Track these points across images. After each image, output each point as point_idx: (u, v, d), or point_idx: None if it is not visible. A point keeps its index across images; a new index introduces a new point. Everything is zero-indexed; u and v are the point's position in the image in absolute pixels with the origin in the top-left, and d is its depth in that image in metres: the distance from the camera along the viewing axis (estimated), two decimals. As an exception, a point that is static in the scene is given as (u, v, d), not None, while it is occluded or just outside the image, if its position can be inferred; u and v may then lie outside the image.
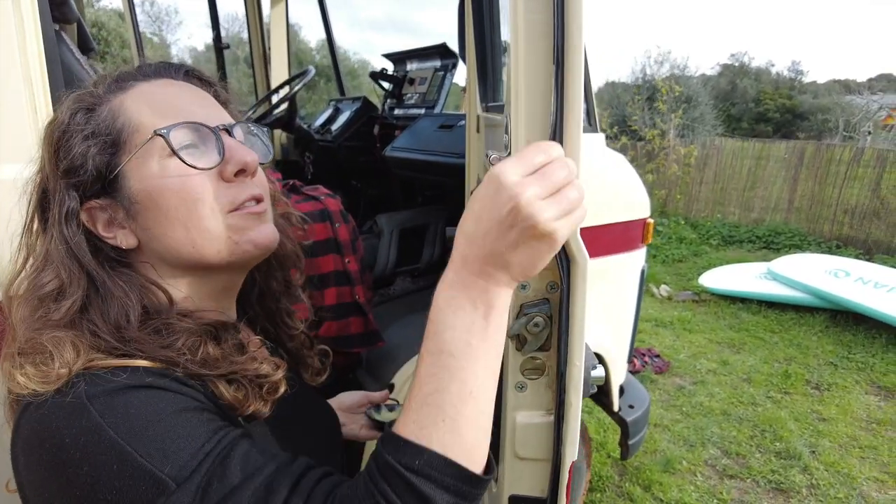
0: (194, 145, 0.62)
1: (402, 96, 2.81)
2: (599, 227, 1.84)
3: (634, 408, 2.18)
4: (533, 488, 0.64)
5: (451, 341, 0.49)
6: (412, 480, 0.46)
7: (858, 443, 3.12)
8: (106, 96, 0.64)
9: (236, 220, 0.64)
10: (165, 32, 21.63)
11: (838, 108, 22.41)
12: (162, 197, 0.61)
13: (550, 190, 0.49)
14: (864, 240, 6.55)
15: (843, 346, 4.38)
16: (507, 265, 0.50)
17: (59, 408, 0.52)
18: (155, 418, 0.51)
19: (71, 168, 0.61)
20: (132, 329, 0.58)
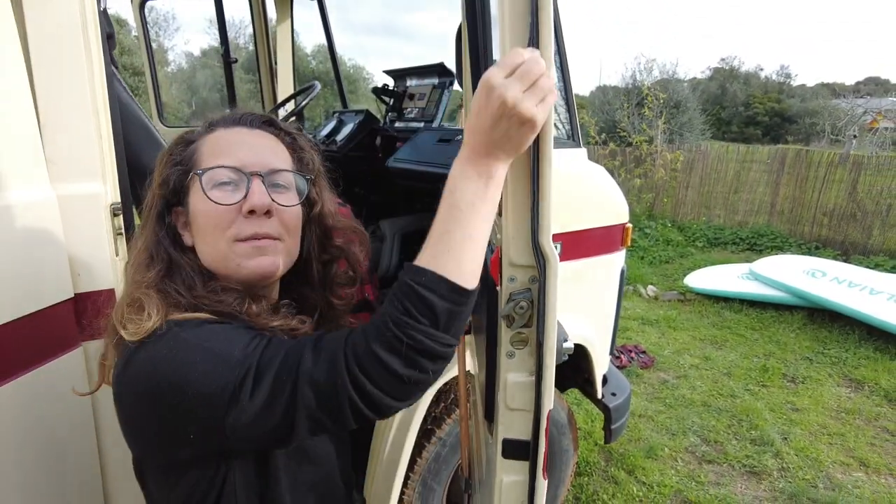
0: (229, 183, 0.80)
1: (403, 110, 3.02)
2: (582, 231, 2.05)
3: (616, 395, 2.39)
4: (521, 433, 0.85)
5: (461, 200, 0.68)
6: (420, 291, 0.66)
7: (828, 430, 3.35)
8: (199, 135, 0.86)
9: (241, 248, 0.80)
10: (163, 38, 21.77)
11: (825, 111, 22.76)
12: (198, 217, 0.82)
13: (528, 84, 0.65)
14: (842, 241, 6.82)
15: (819, 342, 4.63)
16: (502, 146, 0.67)
17: (154, 345, 0.72)
18: (222, 331, 0.74)
19: (162, 182, 0.85)
20: (199, 288, 0.80)
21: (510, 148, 0.68)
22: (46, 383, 1.21)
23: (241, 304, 0.80)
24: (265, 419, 0.68)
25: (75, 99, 1.22)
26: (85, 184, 1.26)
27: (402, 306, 0.65)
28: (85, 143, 1.25)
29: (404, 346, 0.65)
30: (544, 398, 0.81)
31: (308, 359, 0.68)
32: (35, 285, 1.18)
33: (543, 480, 0.84)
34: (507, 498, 0.87)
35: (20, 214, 1.13)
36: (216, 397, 0.68)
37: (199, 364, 0.69)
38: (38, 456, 1.22)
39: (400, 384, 0.66)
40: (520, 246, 0.77)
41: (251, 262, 0.81)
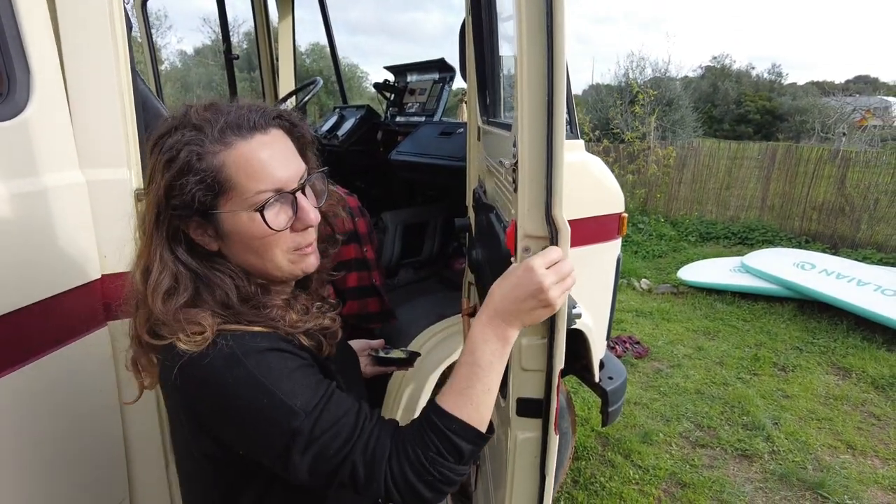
0: (276, 204, 0.83)
1: (404, 105, 3.08)
2: (579, 220, 2.12)
3: (613, 379, 2.47)
4: (534, 392, 0.92)
5: (482, 359, 0.80)
6: (451, 437, 0.78)
7: (816, 415, 3.45)
8: (212, 148, 0.80)
9: (295, 256, 0.88)
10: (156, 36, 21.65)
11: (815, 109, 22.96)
12: (247, 237, 0.83)
13: (560, 278, 0.80)
14: (831, 235, 6.95)
15: (809, 332, 4.74)
16: (522, 318, 0.81)
17: (219, 359, 0.77)
18: (287, 372, 0.79)
19: (180, 204, 0.80)
20: (236, 305, 0.83)
21: (527, 320, 0.82)
22: (74, 360, 1.27)
23: (283, 314, 0.86)
24: (308, 476, 0.78)
25: (103, 88, 1.28)
26: (112, 169, 1.32)
27: (434, 447, 0.78)
28: (111, 131, 1.31)
29: (435, 480, 0.78)
30: (556, 359, 0.88)
31: (358, 453, 0.78)
32: (65, 266, 1.24)
33: (555, 435, 0.92)
34: (522, 453, 0.95)
35: (52, 198, 1.19)
36: (270, 443, 0.78)
37: (262, 406, 0.77)
38: (64, 432, 1.27)
39: (421, 501, 0.79)
40: (535, 218, 0.84)
41: (304, 264, 0.91)
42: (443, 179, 2.48)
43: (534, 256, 0.81)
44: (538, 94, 0.78)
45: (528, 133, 0.81)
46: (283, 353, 0.81)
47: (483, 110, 1.65)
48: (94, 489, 1.37)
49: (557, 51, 0.76)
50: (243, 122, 0.82)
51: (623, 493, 2.71)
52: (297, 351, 0.84)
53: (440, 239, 2.83)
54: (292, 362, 0.81)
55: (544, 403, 0.90)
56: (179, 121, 0.83)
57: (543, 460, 0.93)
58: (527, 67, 0.79)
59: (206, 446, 0.86)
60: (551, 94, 0.78)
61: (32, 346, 1.17)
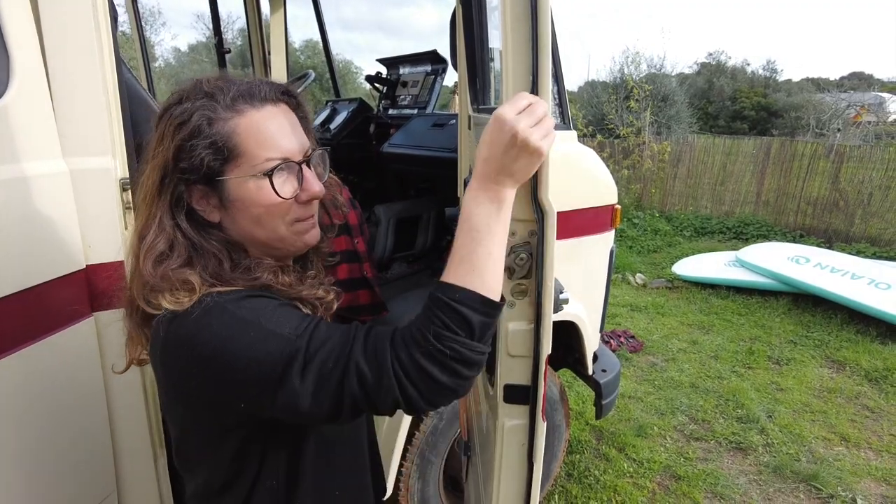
0: (283, 173, 0.83)
1: (396, 98, 3.07)
2: (572, 211, 2.11)
3: (607, 372, 2.46)
4: (520, 378, 0.91)
5: (477, 223, 0.75)
6: (456, 307, 0.72)
7: (811, 408, 3.46)
8: (224, 114, 0.80)
9: (298, 227, 0.87)
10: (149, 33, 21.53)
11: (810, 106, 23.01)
12: (253, 205, 0.82)
13: (535, 120, 0.75)
14: (825, 229, 6.97)
15: (803, 325, 4.75)
16: (511, 173, 0.76)
17: (203, 313, 0.75)
18: (271, 307, 0.77)
19: (188, 168, 0.80)
20: (227, 273, 0.82)
21: (518, 175, 0.77)
22: (59, 351, 1.25)
23: (276, 276, 0.84)
24: (312, 401, 0.73)
25: (86, 75, 1.26)
26: (96, 158, 1.30)
27: (440, 321, 0.72)
28: (95, 119, 1.29)
29: (447, 358, 0.71)
30: (543, 344, 0.87)
31: (358, 353, 0.73)
32: (48, 255, 1.22)
33: (543, 422, 0.90)
34: (509, 440, 0.94)
35: (34, 186, 1.17)
36: (267, 375, 0.73)
37: (251, 339, 0.73)
38: (49, 425, 1.26)
39: (440, 389, 0.73)
40: (520, 202, 0.83)
41: (307, 236, 0.89)
42: (435, 171, 2.46)
43: (502, 105, 0.76)
44: (522, 74, 0.77)
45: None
46: (267, 299, 0.80)
47: (474, 99, 1.63)
48: (80, 483, 1.35)
49: (542, 33, 0.75)
50: (255, 92, 0.83)
51: (617, 486, 2.70)
52: (278, 295, 0.82)
53: (433, 232, 2.82)
54: (277, 302, 0.80)
55: (531, 390, 0.89)
56: (189, 91, 0.83)
57: (531, 447, 0.91)
58: (511, 49, 0.78)
59: (204, 418, 0.83)
60: (536, 75, 0.77)
61: (15, 336, 1.15)
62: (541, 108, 0.76)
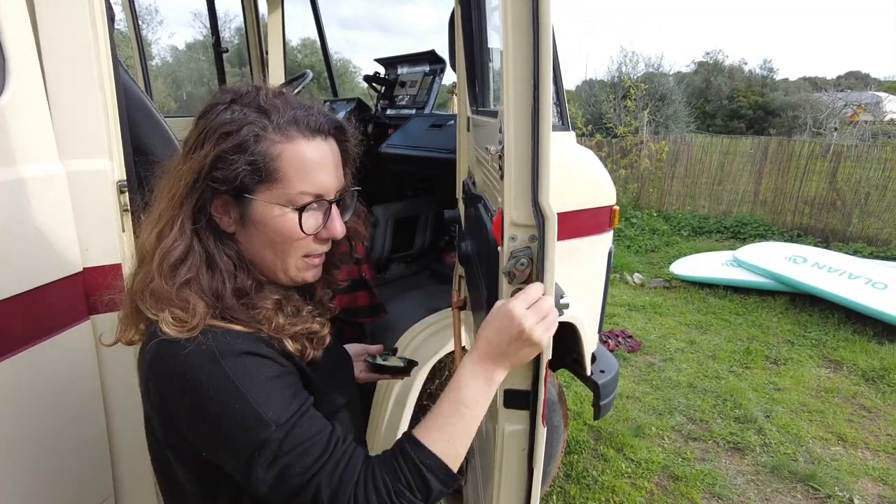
0: (312, 209, 0.84)
1: (394, 98, 3.06)
2: (570, 212, 2.11)
3: (605, 372, 2.46)
4: (521, 383, 0.91)
5: (466, 397, 0.80)
6: (424, 472, 0.76)
7: (808, 408, 3.46)
8: (273, 136, 0.80)
9: (304, 263, 0.88)
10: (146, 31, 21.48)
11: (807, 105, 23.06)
12: (271, 230, 0.83)
13: (541, 316, 0.80)
14: (822, 229, 6.99)
15: (801, 325, 4.76)
16: (509, 359, 0.81)
17: (197, 354, 0.75)
18: (263, 380, 0.77)
19: (222, 178, 0.80)
20: (227, 297, 0.81)
21: (515, 361, 0.82)
22: (56, 355, 1.25)
23: (274, 314, 0.84)
24: (267, 492, 0.75)
25: (83, 77, 1.25)
26: (93, 160, 1.29)
27: (405, 481, 0.75)
28: (92, 121, 1.28)
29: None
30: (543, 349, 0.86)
31: (324, 475, 0.74)
32: (44, 259, 1.21)
33: (543, 427, 0.90)
34: (509, 446, 0.93)
35: (31, 189, 1.17)
36: (235, 449, 0.75)
37: (232, 409, 0.74)
38: (46, 428, 1.25)
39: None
40: (521, 206, 0.82)
41: (308, 273, 0.90)
42: (433, 172, 2.46)
43: (513, 298, 0.80)
44: (524, 79, 0.77)
45: (514, 119, 0.79)
46: (261, 359, 0.79)
47: (472, 100, 1.63)
48: (78, 486, 1.35)
49: (543, 34, 0.75)
50: (310, 121, 0.83)
51: (615, 486, 2.70)
52: (278, 356, 0.81)
53: (431, 233, 2.81)
54: (270, 369, 0.79)
55: (532, 395, 0.88)
56: (244, 98, 0.83)
57: (531, 453, 0.91)
58: (513, 53, 0.77)
59: (173, 439, 0.83)
60: (537, 79, 0.76)
61: (11, 340, 1.14)
62: (546, 303, 0.81)
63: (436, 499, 0.77)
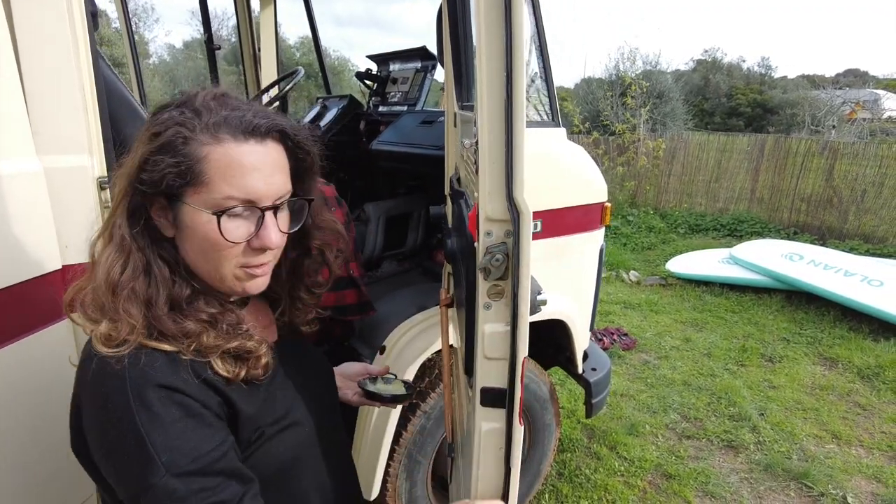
0: (241, 216, 0.78)
1: (386, 94, 3.04)
2: (561, 209, 2.10)
3: (597, 370, 2.45)
4: (497, 381, 0.89)
5: None
6: None
7: (802, 406, 3.46)
8: (200, 137, 0.76)
9: (241, 273, 0.82)
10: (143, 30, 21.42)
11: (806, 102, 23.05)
12: (201, 237, 0.78)
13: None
14: (819, 226, 6.98)
15: (796, 323, 4.75)
16: None
17: (113, 377, 0.72)
18: (169, 421, 0.71)
19: (148, 180, 0.76)
20: (158, 307, 0.77)
21: None
22: (34, 353, 1.23)
23: (197, 336, 0.78)
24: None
25: (61, 71, 1.23)
26: (72, 156, 1.27)
27: None
28: (71, 116, 1.26)
29: None
30: (519, 346, 0.85)
31: None
32: (22, 256, 1.19)
33: (520, 426, 0.89)
34: (487, 444, 0.92)
35: (6, 185, 1.15)
36: (123, 485, 0.72)
37: (127, 446, 0.70)
38: (24, 428, 1.23)
39: None
40: (495, 201, 0.81)
41: (247, 284, 0.83)
42: (424, 168, 2.44)
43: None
44: (496, 72, 0.75)
45: (487, 113, 0.78)
46: (174, 394, 0.73)
47: (458, 96, 1.61)
48: (57, 487, 1.33)
49: (516, 28, 0.73)
50: (244, 123, 0.78)
51: (608, 485, 2.69)
52: (198, 393, 0.75)
53: (424, 230, 2.80)
54: (179, 410, 0.73)
55: (508, 392, 0.87)
56: (185, 99, 0.79)
57: (509, 452, 0.90)
58: (486, 46, 0.76)
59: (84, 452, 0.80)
60: (510, 73, 0.75)
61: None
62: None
63: None
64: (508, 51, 0.74)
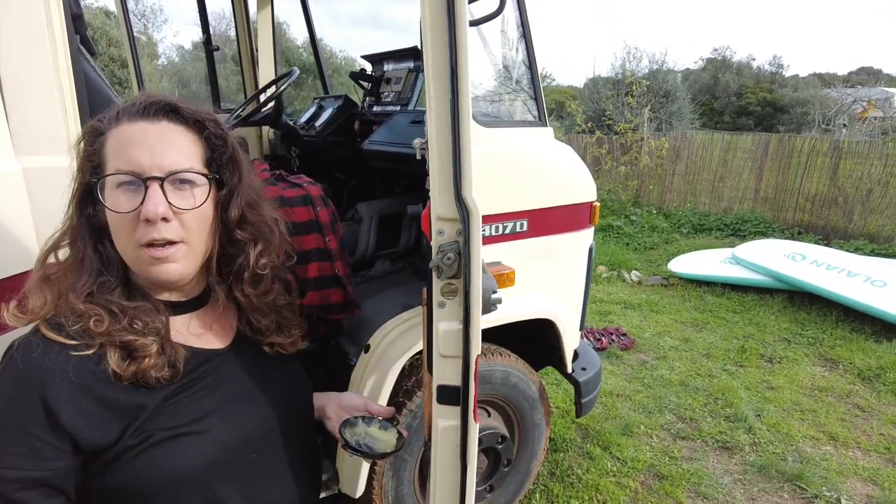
0: (131, 184, 0.79)
1: (380, 94, 3.05)
2: (549, 209, 2.10)
3: (587, 370, 2.45)
4: (452, 379, 0.90)
5: None
6: None
7: (800, 407, 3.43)
8: (106, 125, 0.83)
9: (144, 255, 0.81)
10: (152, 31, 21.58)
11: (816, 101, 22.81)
12: (107, 219, 0.82)
13: None
14: (823, 226, 6.91)
15: (798, 323, 4.71)
16: None
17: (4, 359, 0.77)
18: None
19: (78, 169, 0.85)
20: (76, 297, 0.79)
21: None
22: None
23: (89, 319, 0.79)
24: None
25: (38, 73, 1.25)
26: (51, 157, 1.29)
27: None
28: (50, 117, 1.28)
29: None
30: (472, 344, 0.86)
31: None
32: (1, 254, 1.21)
33: (475, 423, 0.89)
34: (443, 441, 0.93)
35: (-15, 185, 1.17)
36: None
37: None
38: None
39: None
40: (445, 200, 0.82)
41: (155, 268, 0.82)
42: (414, 168, 2.45)
43: None
44: (441, 72, 0.76)
45: (435, 113, 0.79)
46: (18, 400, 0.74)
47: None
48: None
49: (459, 30, 0.74)
50: (136, 106, 0.83)
51: (599, 485, 2.69)
52: (66, 400, 0.75)
53: (417, 230, 2.80)
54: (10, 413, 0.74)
55: (462, 390, 0.88)
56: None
57: (464, 448, 0.90)
58: (431, 46, 0.77)
59: None
60: (455, 73, 0.76)
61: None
62: None
63: None
64: (452, 49, 0.75)
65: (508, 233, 1.99)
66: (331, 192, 2.28)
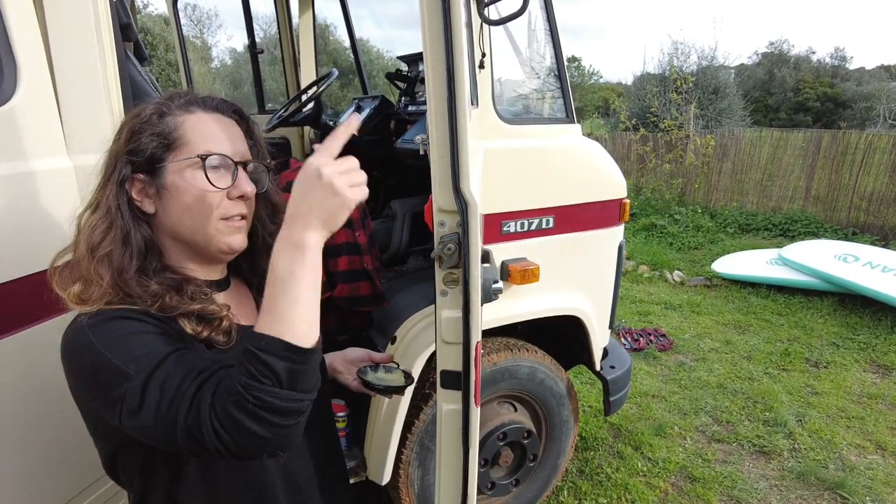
0: (218, 168, 0.88)
1: (415, 94, 3.11)
2: (576, 205, 2.10)
3: (616, 368, 2.44)
4: (454, 364, 0.94)
5: (281, 272, 0.75)
6: (259, 355, 0.71)
7: (847, 414, 3.30)
8: (175, 111, 0.89)
9: (223, 226, 0.90)
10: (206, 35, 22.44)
11: (883, 95, 21.64)
12: (185, 194, 0.87)
13: (343, 170, 0.76)
14: (881, 226, 6.57)
15: (849, 327, 4.51)
16: (316, 214, 0.75)
17: (78, 329, 0.81)
18: (124, 335, 0.79)
19: (134, 150, 0.87)
20: (129, 273, 0.85)
21: (323, 217, 0.76)
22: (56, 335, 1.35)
23: (160, 296, 0.85)
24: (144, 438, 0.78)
25: (89, 81, 1.36)
26: (98, 155, 1.40)
27: (246, 370, 0.72)
28: (98, 119, 1.39)
29: (255, 407, 0.71)
30: (472, 331, 0.90)
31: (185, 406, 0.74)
32: (53, 243, 1.33)
33: (476, 407, 0.93)
34: (447, 424, 0.97)
35: (41, 182, 1.28)
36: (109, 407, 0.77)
37: (96, 370, 0.77)
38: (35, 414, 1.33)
39: (251, 439, 0.73)
40: (445, 193, 0.86)
41: (230, 238, 0.91)
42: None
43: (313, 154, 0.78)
44: (439, 71, 0.80)
45: (434, 108, 0.83)
46: (130, 321, 0.81)
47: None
48: (60, 473, 1.41)
49: (455, 28, 0.78)
50: (206, 101, 0.93)
51: (629, 484, 2.67)
52: (154, 322, 0.83)
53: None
54: (134, 326, 0.81)
55: (463, 375, 0.92)
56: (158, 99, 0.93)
57: (466, 432, 0.94)
58: (430, 46, 0.81)
59: (92, 428, 0.89)
60: (451, 71, 0.80)
61: (21, 317, 1.26)
62: (350, 161, 0.78)
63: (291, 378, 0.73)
64: (448, 52, 0.79)
65: (534, 229, 2.01)
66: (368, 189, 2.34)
